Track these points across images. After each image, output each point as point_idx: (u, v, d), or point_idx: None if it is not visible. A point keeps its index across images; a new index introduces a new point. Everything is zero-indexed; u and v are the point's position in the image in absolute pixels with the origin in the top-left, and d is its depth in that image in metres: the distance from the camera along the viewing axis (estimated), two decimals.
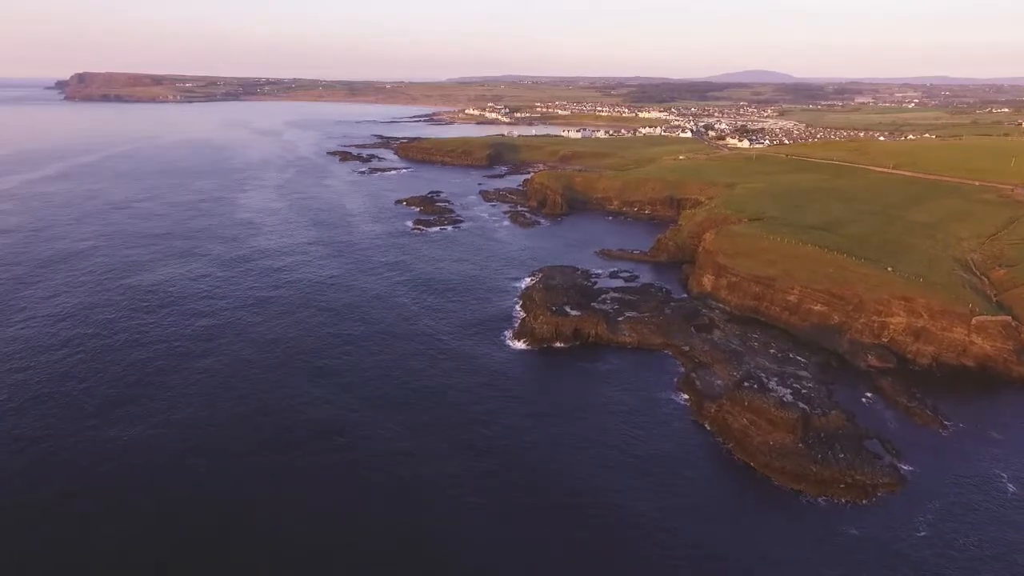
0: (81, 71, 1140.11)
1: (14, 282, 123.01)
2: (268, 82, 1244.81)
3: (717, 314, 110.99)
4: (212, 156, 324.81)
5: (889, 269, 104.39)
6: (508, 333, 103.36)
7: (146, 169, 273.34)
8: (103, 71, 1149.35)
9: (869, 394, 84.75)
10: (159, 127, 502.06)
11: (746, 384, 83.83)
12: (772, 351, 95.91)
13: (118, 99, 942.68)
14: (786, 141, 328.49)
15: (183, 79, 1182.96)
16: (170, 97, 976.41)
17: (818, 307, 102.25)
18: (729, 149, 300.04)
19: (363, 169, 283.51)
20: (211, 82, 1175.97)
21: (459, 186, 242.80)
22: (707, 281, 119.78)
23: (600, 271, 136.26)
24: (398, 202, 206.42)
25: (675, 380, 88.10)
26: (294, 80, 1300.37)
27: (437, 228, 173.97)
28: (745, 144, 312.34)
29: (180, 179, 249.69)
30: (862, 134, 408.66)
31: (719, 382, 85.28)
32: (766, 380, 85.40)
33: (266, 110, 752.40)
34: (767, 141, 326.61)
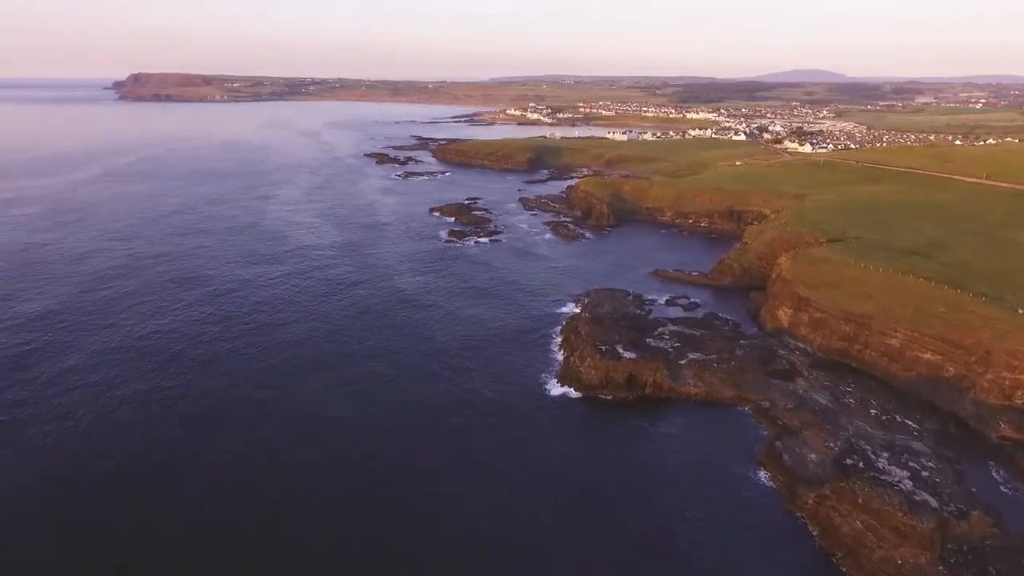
0: (138, 72, 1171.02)
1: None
2: (313, 82, 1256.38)
3: (798, 357, 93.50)
4: (247, 157, 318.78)
5: (1021, 311, 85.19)
6: (547, 375, 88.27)
7: (175, 172, 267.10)
8: (158, 72, 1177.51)
9: (1009, 479, 66.63)
10: (200, 127, 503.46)
11: (848, 461, 66.79)
12: (873, 411, 78.20)
13: (168, 99, 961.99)
14: (852, 145, 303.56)
15: (232, 79, 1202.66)
16: (217, 97, 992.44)
17: (928, 355, 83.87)
18: (790, 154, 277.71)
19: (399, 173, 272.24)
20: (258, 82, 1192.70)
21: (498, 192, 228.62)
22: (783, 315, 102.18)
23: (654, 296, 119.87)
24: (432, 210, 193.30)
25: (755, 449, 71.47)
26: (338, 80, 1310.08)
27: (472, 241, 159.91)
28: (807, 148, 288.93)
29: (209, 181, 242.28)
30: (932, 137, 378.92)
31: (813, 456, 68.33)
32: (873, 456, 68.04)
33: (308, 110, 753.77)
34: (830, 145, 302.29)
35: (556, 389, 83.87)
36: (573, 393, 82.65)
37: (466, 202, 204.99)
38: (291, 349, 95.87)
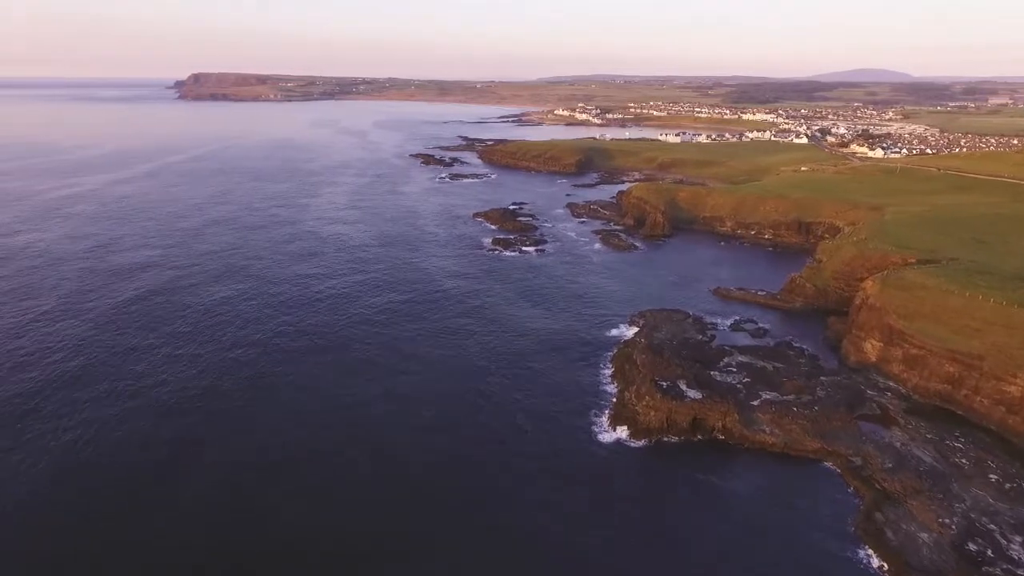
0: (198, 72, 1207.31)
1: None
2: (363, 81, 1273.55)
3: (890, 400, 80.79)
4: (293, 156, 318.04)
5: None
6: (597, 412, 78.05)
7: (222, 171, 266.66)
8: (216, 72, 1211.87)
9: None
10: (250, 126, 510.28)
11: (972, 546, 54.57)
12: (993, 476, 65.19)
13: (224, 98, 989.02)
14: (928, 151, 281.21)
15: (286, 79, 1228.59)
16: (271, 96, 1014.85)
17: None
18: (859, 159, 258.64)
19: (444, 175, 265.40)
20: (310, 82, 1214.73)
21: (545, 197, 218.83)
22: (871, 348, 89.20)
23: (717, 320, 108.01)
24: (476, 216, 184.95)
25: (850, 520, 59.72)
26: (388, 80, 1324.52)
27: (517, 250, 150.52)
28: (879, 153, 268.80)
29: (253, 181, 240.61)
30: (1015, 141, 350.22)
31: (925, 536, 56.28)
32: (1003, 540, 55.51)
33: (357, 109, 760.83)
34: (903, 150, 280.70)
35: (607, 433, 73.40)
36: (627, 439, 71.96)
37: (511, 207, 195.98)
38: (317, 356, 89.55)
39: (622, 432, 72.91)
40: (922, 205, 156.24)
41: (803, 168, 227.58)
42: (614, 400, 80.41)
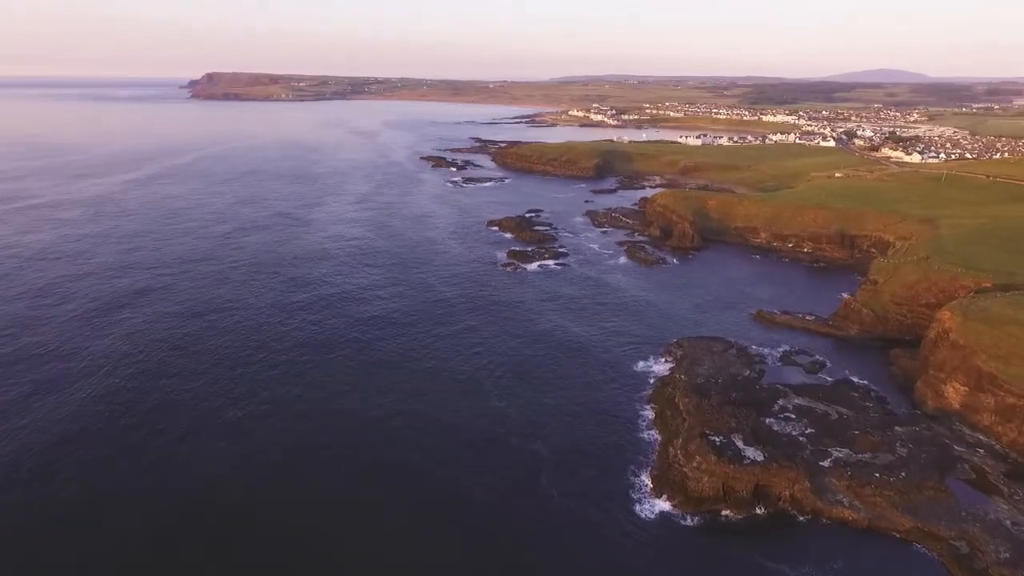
0: (211, 71, 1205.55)
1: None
2: (376, 81, 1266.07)
3: (984, 458, 67.92)
4: (300, 158, 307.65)
5: None
6: (636, 470, 65.92)
7: (225, 174, 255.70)
8: (230, 71, 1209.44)
9: None
10: (260, 126, 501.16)
11: None
12: None
13: (236, 97, 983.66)
14: (967, 155, 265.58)
15: (298, 78, 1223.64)
16: (283, 96, 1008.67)
17: None
18: (895, 164, 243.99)
19: (456, 179, 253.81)
20: (323, 81, 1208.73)
21: (562, 203, 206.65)
22: (953, 393, 76.41)
23: (764, 349, 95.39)
24: (490, 224, 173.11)
25: None
26: (400, 80, 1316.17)
27: (536, 264, 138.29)
28: (916, 158, 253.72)
29: (256, 185, 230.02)
30: None
31: None
32: None
33: (368, 109, 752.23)
34: (941, 154, 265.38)
35: (649, 503, 60.88)
36: (674, 511, 59.50)
37: (527, 215, 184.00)
38: (319, 370, 77.83)
39: (668, 503, 60.63)
40: (979, 217, 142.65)
41: (838, 174, 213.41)
42: (655, 456, 68.34)
